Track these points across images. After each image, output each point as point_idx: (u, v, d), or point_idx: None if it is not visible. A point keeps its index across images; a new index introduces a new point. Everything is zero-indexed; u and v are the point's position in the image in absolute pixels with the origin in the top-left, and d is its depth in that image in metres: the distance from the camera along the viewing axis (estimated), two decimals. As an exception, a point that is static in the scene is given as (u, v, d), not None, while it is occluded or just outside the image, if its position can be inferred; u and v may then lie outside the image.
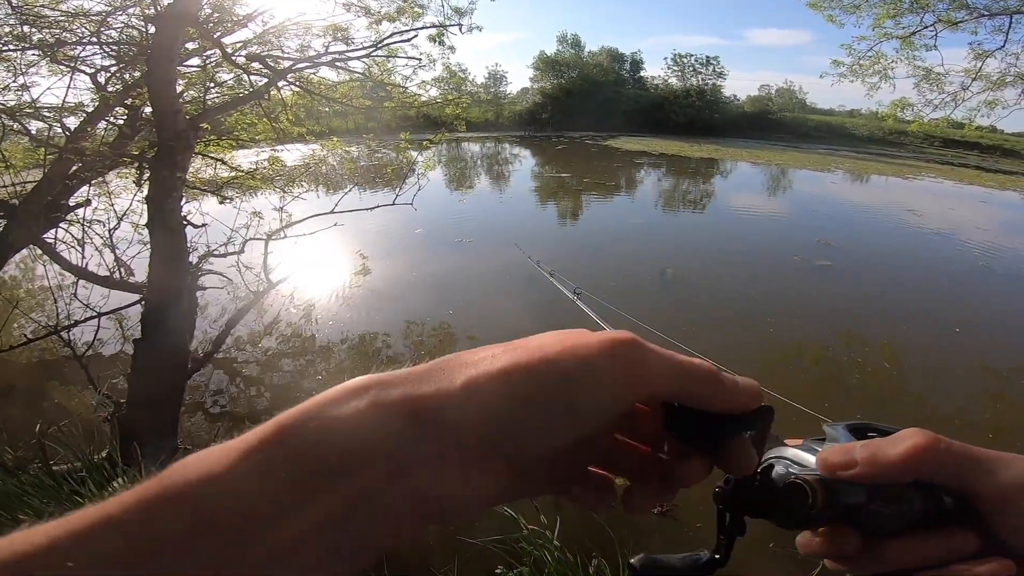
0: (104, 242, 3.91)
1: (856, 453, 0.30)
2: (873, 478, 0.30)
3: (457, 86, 9.78)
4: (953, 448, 0.30)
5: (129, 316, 5.50)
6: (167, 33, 3.02)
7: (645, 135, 38.51)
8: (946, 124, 8.62)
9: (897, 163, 29.97)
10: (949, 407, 4.88)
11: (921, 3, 7.03)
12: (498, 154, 27.95)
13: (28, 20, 3.45)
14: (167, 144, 3.14)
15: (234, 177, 5.53)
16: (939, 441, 0.30)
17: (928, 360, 5.69)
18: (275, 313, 6.42)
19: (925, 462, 0.29)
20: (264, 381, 5.09)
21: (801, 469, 0.32)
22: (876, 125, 40.43)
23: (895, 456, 0.29)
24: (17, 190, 3.95)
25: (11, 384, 4.79)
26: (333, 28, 4.62)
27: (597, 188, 16.41)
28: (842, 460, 0.30)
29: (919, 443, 0.29)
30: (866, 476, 0.29)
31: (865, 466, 0.29)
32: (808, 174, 22.89)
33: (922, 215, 14.04)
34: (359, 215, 5.21)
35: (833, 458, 0.30)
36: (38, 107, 3.95)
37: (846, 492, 0.30)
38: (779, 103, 48.04)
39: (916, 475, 0.30)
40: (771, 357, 5.71)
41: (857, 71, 7.81)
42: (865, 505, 0.30)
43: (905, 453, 0.29)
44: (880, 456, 0.30)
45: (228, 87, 5.22)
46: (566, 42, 45.58)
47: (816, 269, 8.78)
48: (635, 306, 6.96)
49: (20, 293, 7.09)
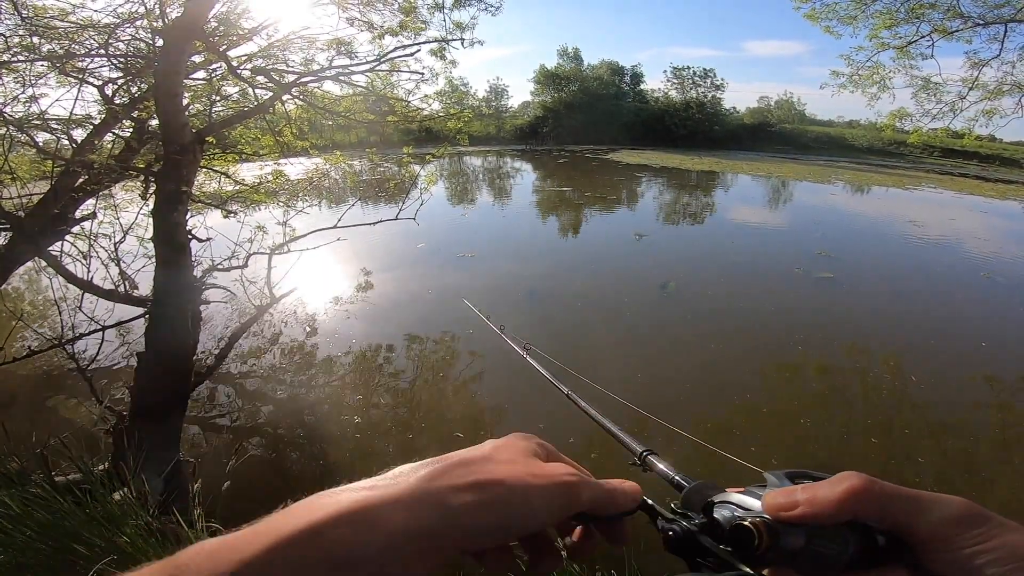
0: (109, 255, 3.92)
1: (798, 495, 0.33)
2: (814, 517, 0.32)
3: (459, 100, 9.87)
4: (887, 489, 0.32)
5: (133, 329, 5.50)
6: (175, 46, 3.05)
7: (646, 148, 38.78)
8: (945, 134, 8.67)
9: (897, 174, 30.11)
10: (953, 418, 4.84)
11: (916, 13, 7.10)
12: (499, 168, 28.13)
13: (38, 31, 3.49)
14: (173, 157, 3.16)
15: (238, 191, 5.56)
16: (873, 483, 0.32)
17: (931, 371, 5.65)
18: (278, 327, 6.42)
19: (860, 502, 0.32)
20: (266, 395, 5.06)
21: (745, 512, 0.34)
22: (875, 136, 40.70)
23: (833, 496, 0.32)
24: (23, 202, 3.97)
25: (13, 395, 4.78)
26: (337, 42, 4.66)
27: (598, 202, 16.48)
28: (786, 501, 0.33)
29: (855, 485, 0.32)
30: (807, 516, 0.32)
31: (806, 506, 0.32)
32: (808, 186, 22.99)
33: (923, 225, 14.06)
34: (362, 230, 5.23)
35: (777, 500, 0.33)
36: (46, 119, 3.98)
37: (787, 533, 0.32)
38: (778, 114, 48.44)
39: (852, 514, 0.32)
40: (772, 370, 5.67)
41: (856, 81, 7.87)
42: (805, 546, 0.32)
43: (842, 493, 0.32)
44: (819, 497, 0.32)
45: (233, 101, 5.27)
46: (567, 55, 46.13)
47: (817, 282, 8.77)
48: (634, 319, 6.96)
49: (25, 305, 7.10)
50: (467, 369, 5.47)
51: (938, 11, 6.86)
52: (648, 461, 0.52)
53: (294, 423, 4.57)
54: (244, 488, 2.50)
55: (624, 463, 0.57)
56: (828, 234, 12.70)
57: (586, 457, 3.84)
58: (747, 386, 5.25)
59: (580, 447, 4.03)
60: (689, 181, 23.24)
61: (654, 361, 5.77)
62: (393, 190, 6.31)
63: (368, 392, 5.07)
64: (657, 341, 6.33)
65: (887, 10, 7.22)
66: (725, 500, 0.36)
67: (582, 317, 6.96)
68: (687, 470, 0.46)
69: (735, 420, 4.66)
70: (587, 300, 7.58)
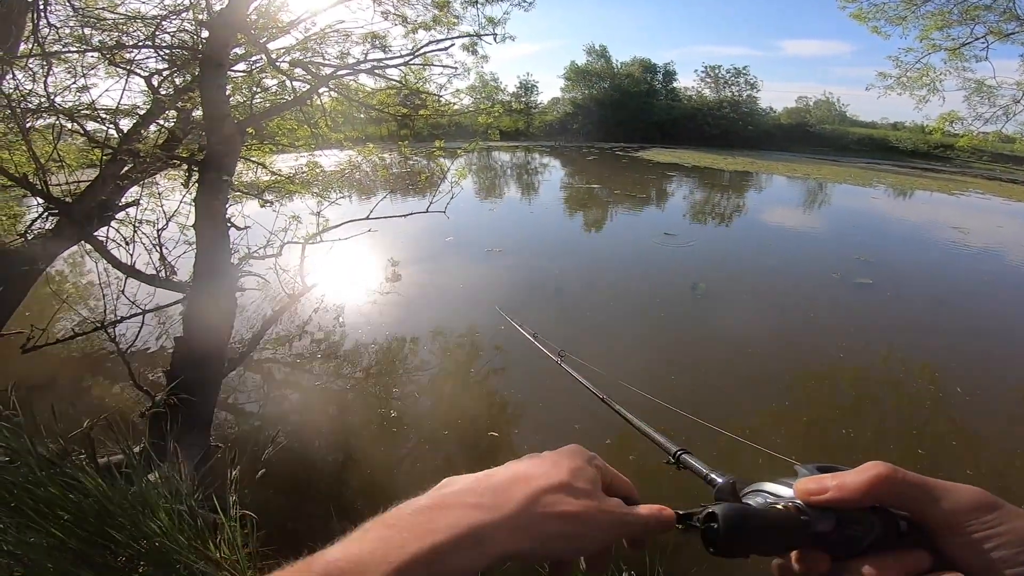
0: (152, 241, 4.03)
1: (827, 482, 0.36)
2: (841, 502, 0.35)
3: (489, 95, 9.87)
4: (908, 478, 0.35)
5: (171, 314, 5.66)
6: (218, 38, 3.11)
7: (678, 147, 38.12)
8: (996, 138, 8.31)
9: (943, 178, 28.89)
10: (990, 430, 4.66)
11: (971, 14, 6.82)
12: (528, 164, 28.05)
13: (89, 22, 3.60)
14: (215, 147, 3.22)
15: (274, 181, 5.66)
16: (896, 471, 0.35)
17: (970, 383, 5.40)
18: (307, 315, 6.52)
19: (884, 489, 0.35)
20: (294, 382, 5.15)
21: (777, 498, 0.37)
22: (921, 138, 39.12)
23: (860, 483, 0.35)
24: (71, 188, 4.10)
25: (54, 376, 4.96)
26: (372, 36, 4.70)
27: (628, 200, 16.27)
28: (816, 487, 0.36)
29: (880, 472, 0.35)
30: (835, 500, 0.36)
31: (835, 492, 0.36)
32: (848, 188, 22.24)
33: (968, 232, 13.46)
34: (391, 221, 5.27)
35: (808, 485, 0.37)
36: (95, 108, 4.11)
37: (818, 518, 0.36)
38: (817, 115, 46.89)
39: (876, 500, 0.35)
40: (805, 377, 5.51)
41: (905, 83, 7.59)
42: (835, 529, 0.35)
43: (868, 480, 0.35)
44: (847, 483, 0.36)
45: (272, 92, 5.36)
46: (594, 53, 45.56)
47: (855, 287, 8.48)
48: (664, 320, 6.85)
49: (68, 287, 7.40)
50: (497, 365, 5.46)
51: (994, 13, 6.57)
52: (682, 459, 0.54)
53: (319, 412, 4.63)
54: (268, 476, 2.53)
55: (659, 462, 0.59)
56: (868, 239, 12.27)
57: (624, 459, 3.83)
58: (779, 392, 5.11)
59: (616, 448, 4.04)
60: (722, 181, 22.74)
61: (683, 363, 5.66)
62: (424, 183, 6.34)
63: (394, 383, 5.11)
64: (687, 343, 6.21)
65: (939, 11, 6.94)
66: (758, 489, 0.39)
67: (611, 316, 6.87)
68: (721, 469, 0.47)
69: (768, 425, 4.54)
70: (616, 299, 7.49)
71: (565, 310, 7.12)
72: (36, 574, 1.21)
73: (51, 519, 1.33)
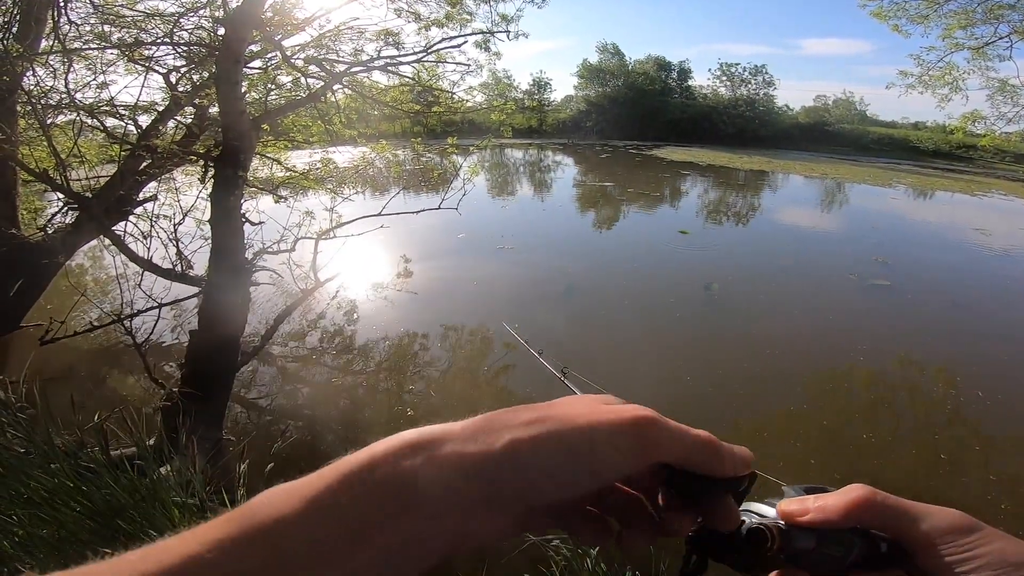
0: (169, 236, 4.08)
1: (809, 503, 0.37)
2: (822, 523, 0.36)
3: (502, 92, 9.84)
4: (888, 501, 0.36)
5: (186, 308, 5.74)
6: (234, 34, 3.13)
7: (692, 145, 37.75)
8: (1020, 138, 8.14)
9: (964, 179, 28.28)
10: (1007, 437, 4.58)
11: (995, 14, 6.69)
12: (540, 161, 27.98)
13: (108, 19, 3.65)
14: (231, 143, 3.25)
15: (289, 177, 5.71)
16: (876, 494, 0.36)
17: (987, 388, 5.29)
18: (319, 311, 6.57)
19: (864, 511, 0.36)
20: (305, 377, 5.20)
21: (760, 519, 0.37)
22: (942, 138, 38.31)
23: (840, 505, 0.36)
24: (91, 184, 4.17)
25: (71, 368, 5.04)
26: (385, 33, 4.71)
27: (641, 198, 16.16)
28: (798, 508, 0.37)
29: (861, 495, 0.36)
30: (816, 521, 0.36)
31: (816, 513, 0.36)
32: (867, 189, 21.86)
33: (990, 234, 13.17)
34: (404, 218, 5.29)
35: (790, 507, 0.37)
36: (115, 105, 4.17)
37: (798, 538, 0.36)
38: (836, 114, 46.07)
39: (856, 521, 0.36)
40: (819, 379, 5.43)
41: (926, 82, 7.46)
42: (815, 548, 0.36)
43: (848, 503, 0.36)
44: (828, 505, 0.36)
45: (287, 89, 5.40)
46: (607, 51, 45.23)
47: (872, 288, 8.34)
48: (677, 319, 6.79)
49: (87, 281, 7.53)
50: (509, 362, 5.45)
51: (1018, 12, 6.44)
52: None
53: (330, 406, 4.67)
54: (279, 469, 2.55)
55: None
56: (886, 240, 12.05)
57: None
58: (795, 394, 5.05)
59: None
60: (737, 180, 22.48)
61: (696, 362, 5.61)
62: (436, 180, 6.35)
63: (405, 379, 5.13)
64: (699, 342, 6.16)
65: (963, 10, 6.81)
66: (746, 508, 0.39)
67: (622, 315, 6.84)
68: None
69: (784, 428, 4.49)
70: (627, 297, 7.45)
71: (575, 308, 7.09)
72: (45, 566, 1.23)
73: (62, 511, 1.34)
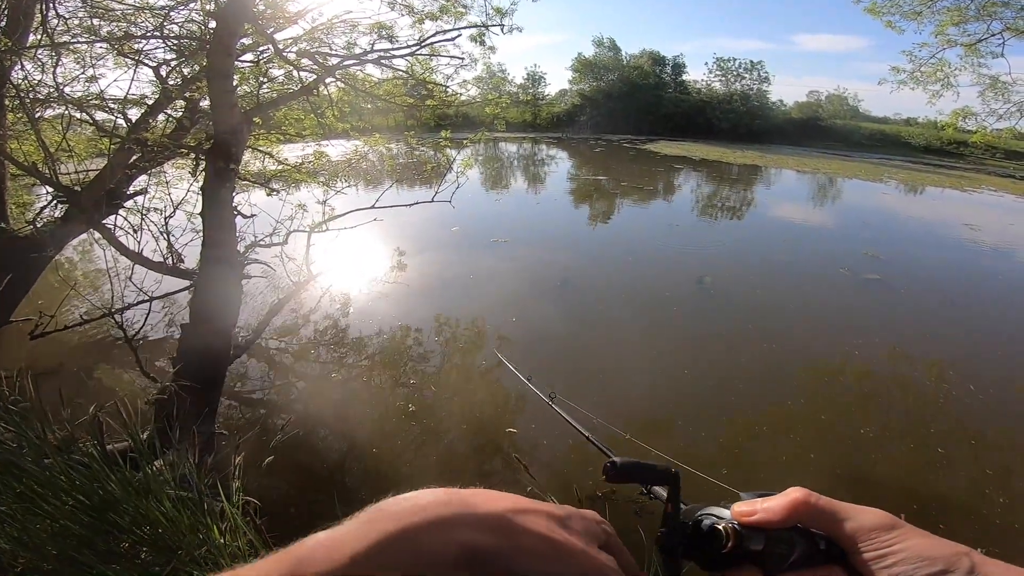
0: (159, 229, 4.07)
1: (757, 505, 0.42)
2: (767, 523, 0.41)
3: (496, 86, 9.82)
4: (820, 502, 0.41)
5: (178, 301, 5.72)
6: (225, 28, 3.11)
7: (686, 139, 37.79)
8: (1010, 135, 8.22)
9: (955, 175, 28.48)
10: (995, 430, 4.64)
11: (987, 10, 6.73)
12: (535, 155, 27.92)
13: (97, 13, 3.61)
14: (222, 136, 3.23)
15: (281, 170, 5.68)
16: (811, 496, 0.41)
17: (977, 381, 5.37)
18: (312, 304, 6.56)
19: (801, 511, 0.41)
20: (297, 371, 5.20)
21: (718, 519, 0.43)
22: (934, 134, 38.58)
23: (781, 506, 0.41)
24: (80, 177, 4.14)
25: (61, 362, 5.01)
26: (378, 26, 4.68)
27: (634, 192, 16.18)
28: (748, 509, 0.42)
29: (797, 497, 0.41)
30: (762, 521, 0.41)
31: (762, 513, 0.41)
32: (858, 184, 21.99)
33: (979, 230, 13.32)
34: (397, 211, 5.28)
35: (741, 508, 0.43)
36: (104, 98, 4.13)
37: (749, 538, 0.41)
38: (829, 110, 46.20)
39: (796, 521, 0.41)
40: (812, 373, 5.49)
41: (918, 78, 7.49)
42: (764, 547, 0.41)
43: (787, 504, 0.41)
44: (772, 506, 0.41)
45: (279, 83, 5.36)
46: (602, 45, 45.07)
47: (864, 283, 8.43)
48: (670, 313, 6.83)
49: (77, 275, 7.48)
50: (504, 356, 5.48)
51: (1011, 9, 6.47)
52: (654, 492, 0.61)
53: (323, 401, 4.68)
54: (272, 463, 2.57)
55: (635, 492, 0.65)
56: (877, 235, 12.16)
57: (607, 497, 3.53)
58: (789, 389, 5.10)
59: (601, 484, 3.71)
60: (730, 175, 22.54)
61: (689, 357, 5.65)
62: (429, 173, 6.34)
63: (399, 373, 5.14)
64: (692, 336, 6.20)
65: (956, 7, 6.84)
66: (707, 512, 0.45)
67: (616, 309, 6.87)
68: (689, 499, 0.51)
69: (779, 423, 4.54)
70: (621, 291, 7.49)
71: (568, 302, 7.12)
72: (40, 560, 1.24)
73: (56, 505, 1.35)
